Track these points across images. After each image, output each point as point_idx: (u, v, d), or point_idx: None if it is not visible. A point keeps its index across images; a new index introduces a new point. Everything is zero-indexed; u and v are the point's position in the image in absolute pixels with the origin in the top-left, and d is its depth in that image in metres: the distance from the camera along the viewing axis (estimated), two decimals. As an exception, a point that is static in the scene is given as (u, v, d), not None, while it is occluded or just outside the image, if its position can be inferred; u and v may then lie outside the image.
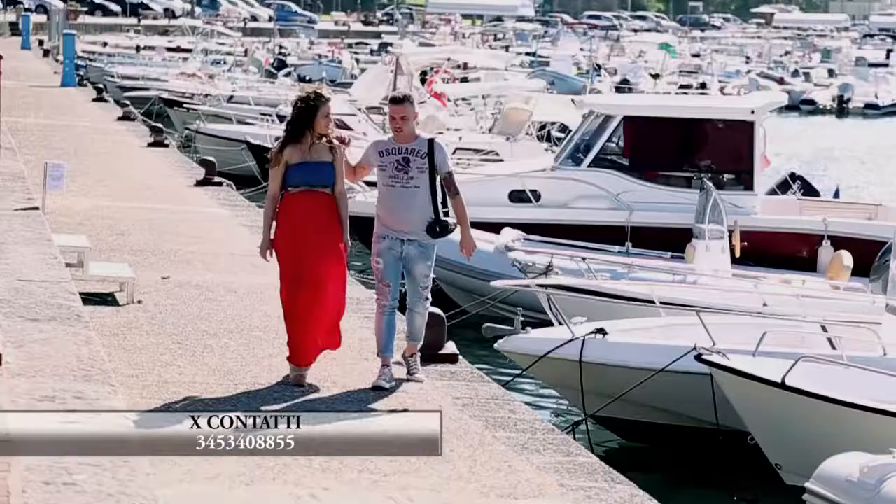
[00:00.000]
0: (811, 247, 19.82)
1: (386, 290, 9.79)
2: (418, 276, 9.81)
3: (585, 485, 8.12)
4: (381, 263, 9.78)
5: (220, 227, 17.99)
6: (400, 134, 9.75)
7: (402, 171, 9.71)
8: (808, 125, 63.83)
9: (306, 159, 9.68)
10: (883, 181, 40.54)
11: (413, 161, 9.71)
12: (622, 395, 12.30)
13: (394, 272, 9.78)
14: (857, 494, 9.14)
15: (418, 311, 9.89)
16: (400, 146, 9.76)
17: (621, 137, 20.91)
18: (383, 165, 9.78)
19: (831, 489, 9.37)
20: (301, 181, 9.69)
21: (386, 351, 9.83)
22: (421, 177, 9.69)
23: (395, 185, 9.73)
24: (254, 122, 35.51)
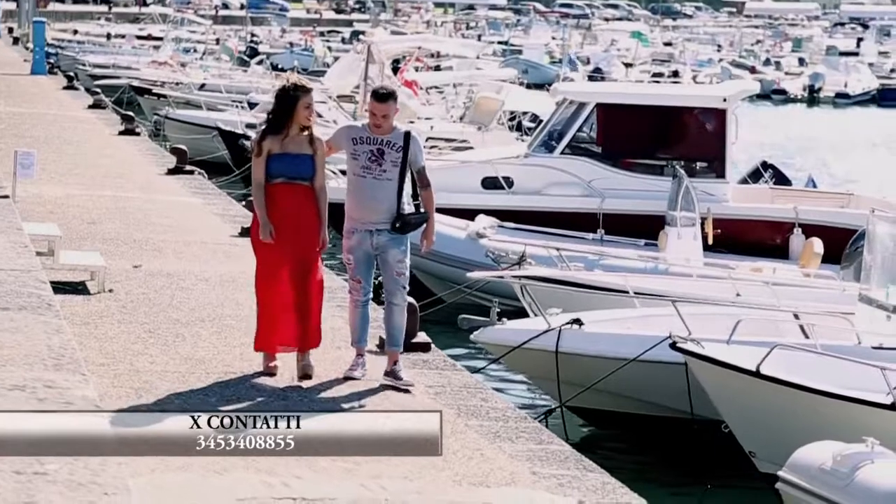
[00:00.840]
0: (783, 235, 19.92)
1: (358, 286, 9.65)
2: (392, 262, 9.57)
3: (557, 473, 8.14)
4: (352, 261, 9.62)
5: (192, 215, 17.94)
6: (378, 129, 9.53)
7: (375, 162, 9.50)
8: (779, 114, 64.04)
9: (285, 150, 9.56)
10: (854, 170, 40.71)
11: (388, 154, 9.50)
12: (594, 383, 12.33)
13: (366, 268, 9.62)
14: (830, 483, 9.15)
15: (396, 304, 9.60)
16: (375, 136, 9.53)
17: (594, 125, 20.96)
18: (355, 154, 9.55)
19: (804, 477, 9.39)
20: (279, 173, 9.57)
21: (360, 342, 9.72)
22: (393, 170, 9.49)
23: (366, 177, 9.52)
24: (224, 109, 35.41)
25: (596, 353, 12.49)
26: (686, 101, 21.33)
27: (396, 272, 9.59)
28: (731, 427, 11.45)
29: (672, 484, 11.91)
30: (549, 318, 12.85)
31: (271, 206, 9.59)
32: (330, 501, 7.33)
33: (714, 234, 19.27)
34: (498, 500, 7.54)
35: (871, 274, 13.55)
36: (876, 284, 13.40)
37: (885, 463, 9.11)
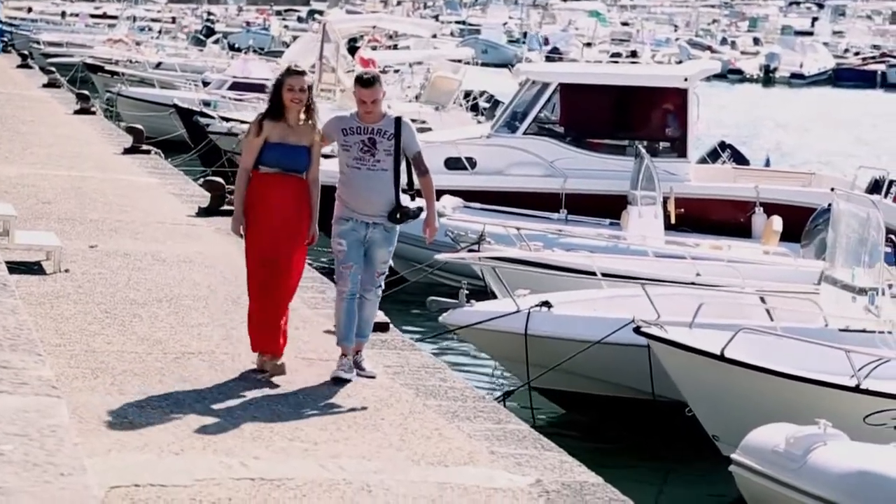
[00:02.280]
0: (745, 214, 20.05)
1: (347, 273, 9.20)
2: (377, 262, 9.26)
3: (515, 452, 8.15)
4: (343, 245, 9.19)
5: (149, 195, 17.85)
6: (368, 116, 9.16)
7: (367, 152, 9.13)
8: (735, 94, 64.32)
9: (284, 140, 9.13)
10: (809, 150, 40.93)
11: (380, 143, 9.13)
12: (557, 365, 12.34)
13: (357, 254, 9.20)
14: (782, 465, 9.16)
15: (369, 299, 9.31)
16: (365, 126, 9.17)
17: (557, 105, 21.02)
18: (347, 145, 9.19)
19: (757, 460, 9.40)
20: (275, 163, 9.13)
21: (346, 340, 9.31)
22: (387, 159, 9.13)
23: (360, 168, 9.14)
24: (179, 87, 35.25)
25: (564, 336, 12.51)
26: (648, 81, 21.41)
27: (377, 272, 9.31)
28: (695, 411, 11.45)
29: (636, 466, 11.95)
30: (517, 300, 12.86)
31: (259, 196, 9.16)
32: (288, 481, 7.32)
33: (677, 213, 19.36)
34: (456, 479, 7.55)
35: (835, 254, 13.58)
36: (840, 265, 13.42)
37: (838, 444, 9.13)
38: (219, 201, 16.58)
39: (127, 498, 6.95)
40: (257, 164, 9.17)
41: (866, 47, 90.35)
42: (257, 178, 9.19)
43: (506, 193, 19.96)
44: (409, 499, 7.19)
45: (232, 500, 7.02)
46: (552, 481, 7.65)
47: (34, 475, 5.65)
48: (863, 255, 13.05)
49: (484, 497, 7.30)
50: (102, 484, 7.01)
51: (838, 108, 59.70)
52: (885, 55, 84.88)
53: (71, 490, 5.73)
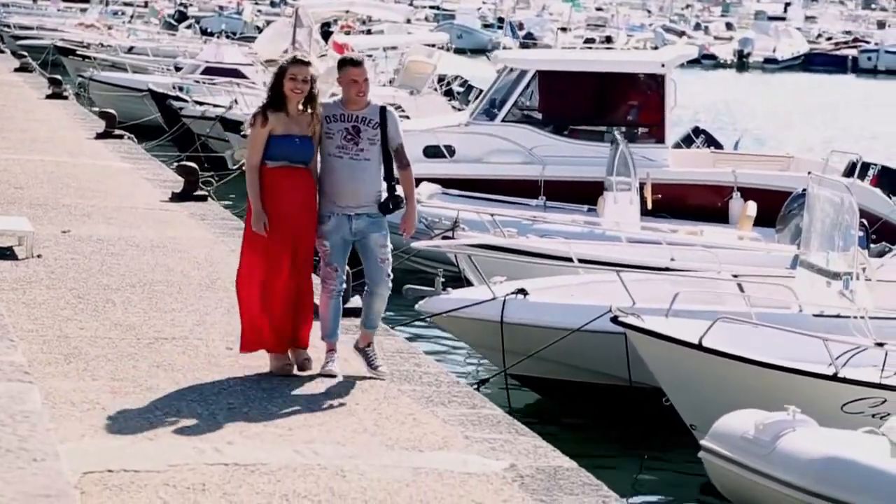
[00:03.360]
0: (723, 199, 20.10)
1: (333, 273, 8.93)
2: (375, 247, 8.87)
3: (490, 437, 8.16)
4: (327, 246, 8.90)
5: (122, 180, 17.80)
6: (360, 99, 8.82)
7: (351, 141, 8.81)
8: (709, 79, 64.42)
9: (289, 132, 8.80)
10: (783, 135, 41.04)
11: (364, 131, 8.81)
12: (534, 353, 12.34)
13: (341, 254, 8.92)
14: (751, 451, 9.16)
15: (380, 294, 8.95)
16: (349, 113, 8.85)
17: (535, 92, 21.05)
18: (329, 133, 8.84)
19: (727, 446, 9.40)
20: (281, 156, 8.78)
21: (332, 336, 9.06)
22: (372, 149, 8.81)
23: (342, 157, 8.82)
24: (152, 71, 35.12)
25: (540, 323, 12.50)
26: (625, 67, 21.46)
27: (380, 258, 8.90)
28: (673, 400, 11.45)
29: (613, 454, 11.97)
30: (493, 287, 12.85)
31: (270, 192, 8.80)
32: (262, 466, 7.31)
33: (654, 198, 19.39)
34: (431, 464, 7.55)
35: (810, 238, 13.61)
36: (815, 250, 13.45)
37: (807, 431, 9.14)
38: (192, 186, 16.53)
39: (100, 483, 6.92)
40: (265, 158, 8.80)
41: (838, 32, 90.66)
42: (265, 172, 8.83)
43: (485, 181, 19.98)
44: (383, 483, 7.19)
45: (206, 485, 7.00)
46: (526, 466, 7.66)
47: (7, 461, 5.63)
48: (837, 239, 13.09)
49: (458, 482, 7.30)
50: (75, 469, 6.99)
51: (812, 93, 59.90)
52: (857, 40, 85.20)
53: (44, 476, 5.72)
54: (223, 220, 15.37)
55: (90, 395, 8.32)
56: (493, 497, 7.13)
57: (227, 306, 10.82)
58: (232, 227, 14.81)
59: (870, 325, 11.62)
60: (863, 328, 11.62)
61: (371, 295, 9.00)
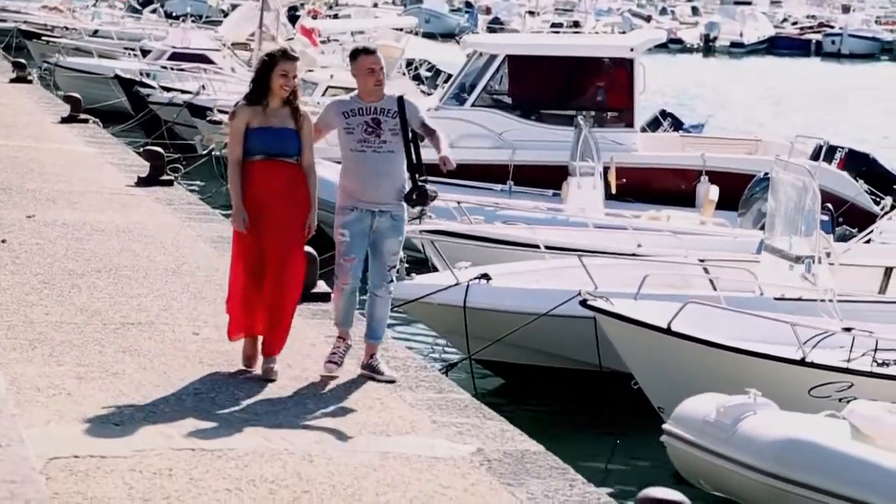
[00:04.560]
0: (692, 182, 20.14)
1: (348, 266, 8.59)
2: (386, 254, 8.64)
3: (457, 421, 8.16)
4: (345, 236, 8.57)
5: (87, 165, 17.70)
6: (377, 88, 8.59)
7: (373, 133, 8.55)
8: (675, 64, 64.55)
9: (266, 124, 8.50)
10: (749, 118, 41.18)
11: (384, 122, 8.56)
12: (502, 338, 12.35)
13: (359, 246, 8.60)
14: (712, 434, 9.18)
15: (381, 296, 8.71)
16: (368, 105, 8.61)
17: (504, 77, 21.06)
18: (349, 128, 8.58)
19: (688, 430, 9.42)
20: (259, 149, 8.49)
21: (345, 324, 8.77)
22: (394, 140, 8.56)
23: (365, 151, 8.54)
24: (118, 56, 34.93)
25: (504, 308, 12.52)
26: (595, 52, 21.48)
27: (389, 266, 8.68)
28: (641, 383, 11.48)
29: (578, 436, 11.99)
30: (456, 272, 12.85)
31: (249, 186, 8.51)
32: (229, 451, 7.29)
33: (619, 183, 19.41)
34: (398, 448, 7.55)
35: (774, 223, 13.67)
36: (779, 234, 13.52)
37: (767, 414, 9.16)
38: (158, 171, 16.46)
39: (66, 469, 6.89)
40: (244, 153, 8.52)
41: (803, 17, 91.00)
42: (245, 167, 8.54)
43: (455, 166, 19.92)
44: (350, 468, 7.18)
45: (172, 470, 6.98)
46: (493, 450, 7.67)
47: (-29, 447, 5.60)
48: (800, 223, 13.16)
49: (425, 466, 7.31)
50: (41, 455, 6.96)
51: (776, 77, 60.09)
52: (822, 25, 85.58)
53: (9, 461, 5.70)
54: (189, 204, 15.31)
55: (56, 381, 8.28)
56: (460, 481, 7.13)
57: (194, 291, 10.80)
58: (198, 213, 14.76)
59: (837, 308, 11.66)
60: (830, 311, 11.67)
61: (372, 297, 8.73)
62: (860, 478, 8.39)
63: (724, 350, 10.96)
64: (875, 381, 10.76)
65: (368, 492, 6.89)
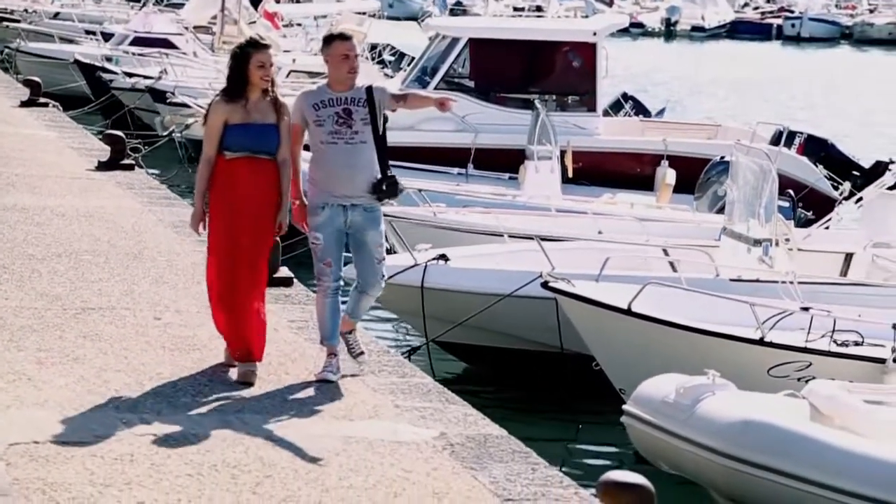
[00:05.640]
0: (653, 167, 20.20)
1: (327, 269, 8.33)
2: (372, 247, 8.35)
3: (420, 405, 8.17)
4: (320, 240, 8.31)
5: (47, 149, 17.60)
6: (350, 77, 8.27)
7: (344, 124, 8.24)
8: (636, 48, 64.68)
9: (248, 120, 8.18)
10: (711, 102, 41.31)
11: (356, 112, 8.25)
12: (464, 321, 12.36)
13: (336, 248, 8.34)
14: (671, 415, 9.20)
15: (372, 294, 8.47)
16: (338, 95, 8.28)
17: (467, 60, 21.06)
18: (320, 120, 8.26)
19: (648, 410, 9.45)
20: (242, 146, 8.16)
21: (331, 339, 8.47)
22: (366, 129, 8.26)
23: (337, 142, 8.23)
24: (79, 40, 34.71)
25: (462, 289, 12.53)
26: (557, 36, 21.51)
27: (377, 259, 8.38)
28: (602, 365, 11.52)
29: (540, 419, 12.02)
30: (415, 254, 12.85)
31: (229, 184, 8.19)
32: (192, 436, 7.27)
33: (575, 167, 19.44)
34: (361, 433, 7.55)
35: (734, 207, 13.75)
36: (738, 218, 13.61)
37: (726, 394, 9.19)
38: (119, 155, 16.38)
39: (26, 455, 6.86)
40: (223, 149, 8.21)
41: (763, 1, 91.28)
42: (223, 164, 8.22)
43: (417, 149, 19.93)
44: (313, 452, 7.17)
45: (134, 455, 6.96)
46: (456, 434, 7.68)
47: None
48: (758, 207, 13.25)
49: (388, 450, 7.31)
50: (1, 441, 6.93)
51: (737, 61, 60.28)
52: (783, 9, 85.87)
53: (-32, 448, 5.67)
54: (150, 189, 15.25)
55: (16, 366, 8.24)
56: (422, 465, 7.14)
57: (155, 276, 10.76)
58: (160, 197, 14.69)
59: (799, 291, 11.73)
60: (791, 293, 11.73)
61: (362, 294, 8.48)
62: (817, 459, 8.43)
63: (684, 330, 11.02)
64: (833, 360, 10.85)
65: (331, 476, 6.89)
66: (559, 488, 6.98)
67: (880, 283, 12.73)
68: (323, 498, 6.62)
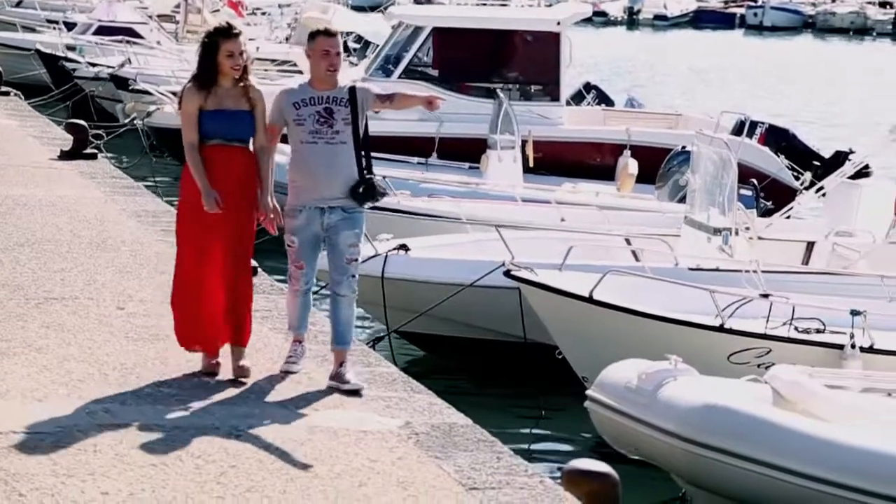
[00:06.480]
0: (614, 156, 20.25)
1: (299, 273, 8.21)
2: (343, 247, 8.13)
3: (385, 395, 8.17)
4: (295, 243, 8.14)
5: (9, 138, 17.50)
6: (333, 74, 8.08)
7: (325, 124, 8.05)
8: (599, 36, 64.76)
9: (220, 106, 8.01)
10: (673, 92, 41.44)
11: (337, 111, 8.07)
12: (427, 310, 12.36)
13: (311, 251, 8.20)
14: (634, 400, 9.25)
15: (343, 296, 8.20)
16: (319, 94, 8.08)
17: (431, 49, 21.05)
18: (300, 119, 8.06)
19: (610, 396, 9.49)
20: (214, 133, 8.00)
21: (300, 328, 8.35)
22: (346, 130, 8.08)
23: (317, 142, 8.04)
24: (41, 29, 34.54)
25: (422, 279, 12.53)
26: (521, 25, 21.54)
27: (347, 258, 8.17)
28: (565, 352, 11.57)
29: (506, 407, 12.05)
30: (375, 244, 12.84)
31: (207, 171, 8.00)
32: (156, 427, 7.25)
33: (536, 156, 19.46)
34: (326, 423, 7.55)
35: (694, 196, 13.83)
36: (698, 207, 13.68)
37: (688, 380, 9.24)
38: (81, 144, 16.30)
39: (-11, 446, 6.83)
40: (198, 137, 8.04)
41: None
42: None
43: (381, 138, 19.86)
44: (278, 442, 7.17)
45: (97, 446, 6.94)
46: (421, 423, 7.69)
47: None
48: (718, 196, 13.34)
49: (354, 440, 7.31)
50: (-36, 432, 6.90)
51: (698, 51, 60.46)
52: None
53: (-69, 439, 5.64)
54: (113, 178, 15.18)
55: (-22, 357, 8.19)
56: (388, 454, 7.14)
57: (118, 266, 10.72)
58: (123, 186, 14.63)
59: (762, 279, 11.79)
60: (755, 282, 11.80)
61: (334, 298, 8.24)
62: (778, 443, 8.48)
63: (645, 318, 11.09)
64: (792, 346, 10.94)
65: (296, 466, 6.89)
66: (524, 477, 7.00)
67: (842, 272, 12.82)
68: (288, 487, 6.61)
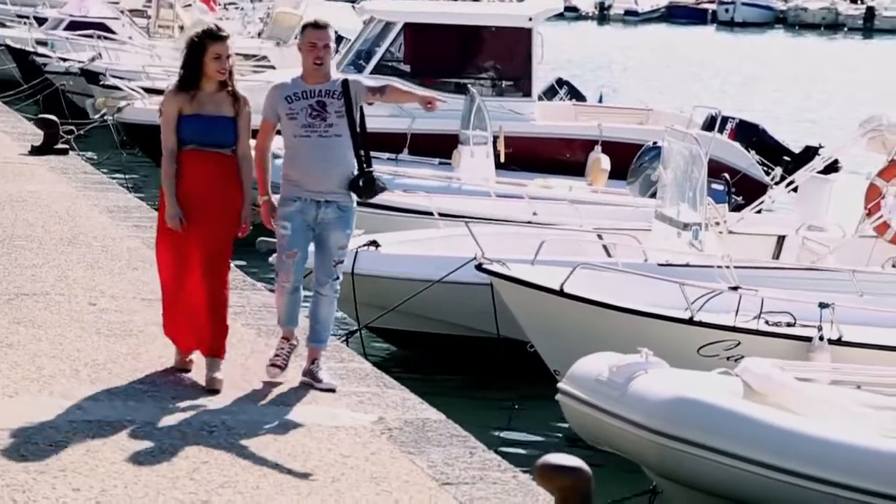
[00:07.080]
0: (586, 152, 20.28)
1: (290, 263, 8.04)
2: (332, 247, 8.02)
3: (358, 390, 8.17)
4: (287, 229, 7.98)
5: (-22, 133, 17.42)
6: (319, 68, 7.99)
7: (318, 117, 7.94)
8: (570, 32, 64.85)
9: (200, 111, 7.84)
10: (644, 87, 41.53)
11: (330, 104, 7.96)
12: (397, 306, 12.36)
13: (302, 240, 8.03)
14: (605, 393, 9.25)
15: (325, 295, 8.09)
16: (312, 88, 7.99)
17: (402, 44, 21.03)
18: (293, 113, 7.97)
19: (581, 388, 9.49)
20: (190, 138, 7.83)
21: (290, 323, 8.20)
22: (340, 123, 7.95)
23: (310, 136, 7.94)
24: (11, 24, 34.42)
25: (393, 275, 12.52)
26: (492, 21, 21.55)
27: (335, 260, 8.06)
28: (536, 346, 11.59)
29: (478, 402, 12.06)
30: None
31: (179, 178, 7.84)
32: (127, 423, 7.24)
33: (507, 152, 19.47)
34: (299, 418, 7.55)
35: (665, 192, 13.87)
36: (669, 202, 13.73)
37: (659, 372, 9.24)
38: (52, 139, 16.24)
39: (-40, 443, 6.81)
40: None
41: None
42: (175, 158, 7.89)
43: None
44: (250, 438, 7.17)
45: (69, 442, 6.92)
46: (395, 419, 7.70)
47: None
48: (688, 191, 13.38)
49: (327, 435, 7.31)
50: (-65, 429, 6.87)
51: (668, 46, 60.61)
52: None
53: None
54: (85, 173, 15.14)
55: (-51, 354, 8.16)
56: (361, 450, 7.15)
57: (90, 262, 10.69)
58: (94, 182, 14.59)
59: (735, 274, 11.82)
60: (727, 277, 11.83)
61: (316, 296, 8.13)
62: (749, 436, 8.50)
63: (615, 311, 11.13)
64: (761, 339, 10.99)
65: (269, 462, 6.89)
66: (497, 472, 7.01)
67: (813, 267, 12.87)
68: (261, 483, 6.61)
